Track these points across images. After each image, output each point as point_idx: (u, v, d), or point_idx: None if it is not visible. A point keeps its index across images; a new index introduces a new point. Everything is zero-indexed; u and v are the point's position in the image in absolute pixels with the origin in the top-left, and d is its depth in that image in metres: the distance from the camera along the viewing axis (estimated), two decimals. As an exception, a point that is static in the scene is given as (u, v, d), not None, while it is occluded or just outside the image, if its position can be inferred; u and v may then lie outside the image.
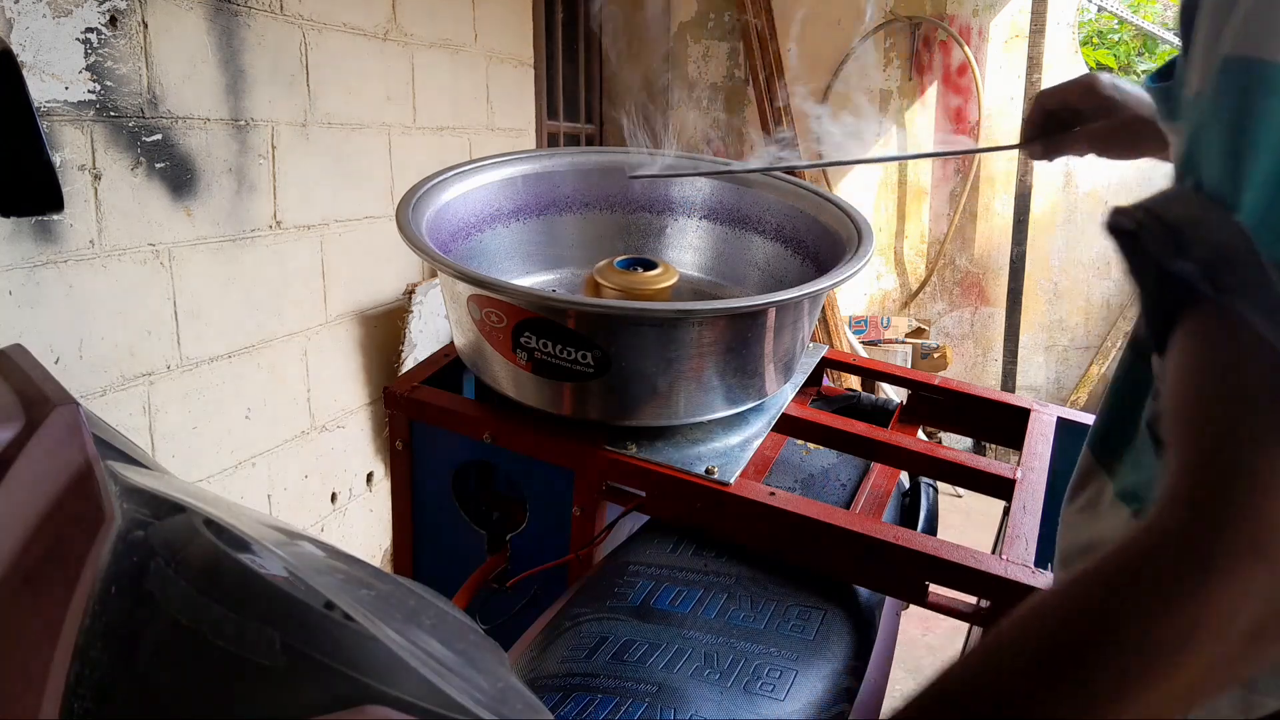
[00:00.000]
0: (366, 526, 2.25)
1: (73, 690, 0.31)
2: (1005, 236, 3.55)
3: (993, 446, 3.36)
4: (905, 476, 1.24)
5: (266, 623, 0.32)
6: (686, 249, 1.35)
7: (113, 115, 1.44)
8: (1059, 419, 1.21)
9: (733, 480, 0.95)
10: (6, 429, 0.37)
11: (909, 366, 3.38)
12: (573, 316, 0.91)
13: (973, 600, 0.91)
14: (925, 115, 3.57)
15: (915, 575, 0.87)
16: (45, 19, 1.31)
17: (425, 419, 1.10)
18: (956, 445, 3.36)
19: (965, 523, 2.67)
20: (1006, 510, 1.07)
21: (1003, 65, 3.50)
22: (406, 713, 0.31)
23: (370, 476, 2.24)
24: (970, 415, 1.29)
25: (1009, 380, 3.58)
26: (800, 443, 1.21)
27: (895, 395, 2.24)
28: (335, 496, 2.12)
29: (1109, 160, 0.95)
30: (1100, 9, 4.08)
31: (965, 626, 1.28)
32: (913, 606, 0.93)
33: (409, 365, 2.15)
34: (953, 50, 3.49)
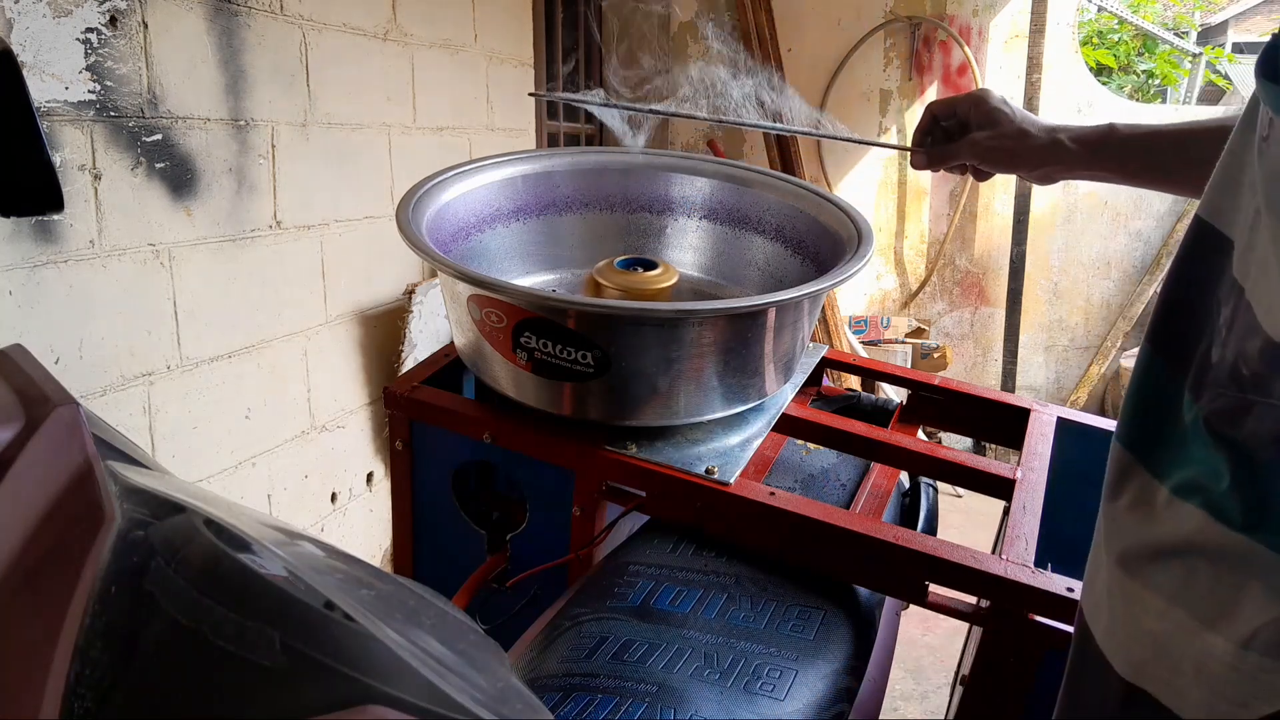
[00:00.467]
0: (366, 526, 2.25)
1: (73, 690, 0.31)
2: (1005, 236, 3.55)
3: (993, 446, 3.36)
4: (905, 476, 1.24)
5: (266, 623, 0.32)
6: (686, 249, 1.35)
7: (113, 115, 1.44)
8: (1059, 419, 1.21)
9: (733, 480, 0.95)
10: (6, 429, 0.37)
11: (909, 366, 3.38)
12: (573, 316, 0.92)
13: (973, 600, 0.91)
14: (925, 115, 3.56)
15: (915, 575, 0.87)
16: (45, 19, 1.31)
17: (425, 419, 1.10)
18: (956, 445, 3.36)
19: (965, 523, 2.67)
20: (1006, 510, 1.08)
21: (1003, 65, 3.50)
22: (406, 713, 0.31)
23: (370, 476, 2.24)
24: (970, 415, 1.29)
25: (1009, 380, 3.58)
26: (800, 443, 1.21)
27: (895, 395, 2.24)
28: (335, 496, 2.12)
29: (989, 172, 0.97)
30: (1100, 9, 4.07)
31: (965, 626, 1.28)
32: (913, 606, 0.93)
33: (409, 365, 2.15)
34: (953, 50, 3.49)
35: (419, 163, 2.28)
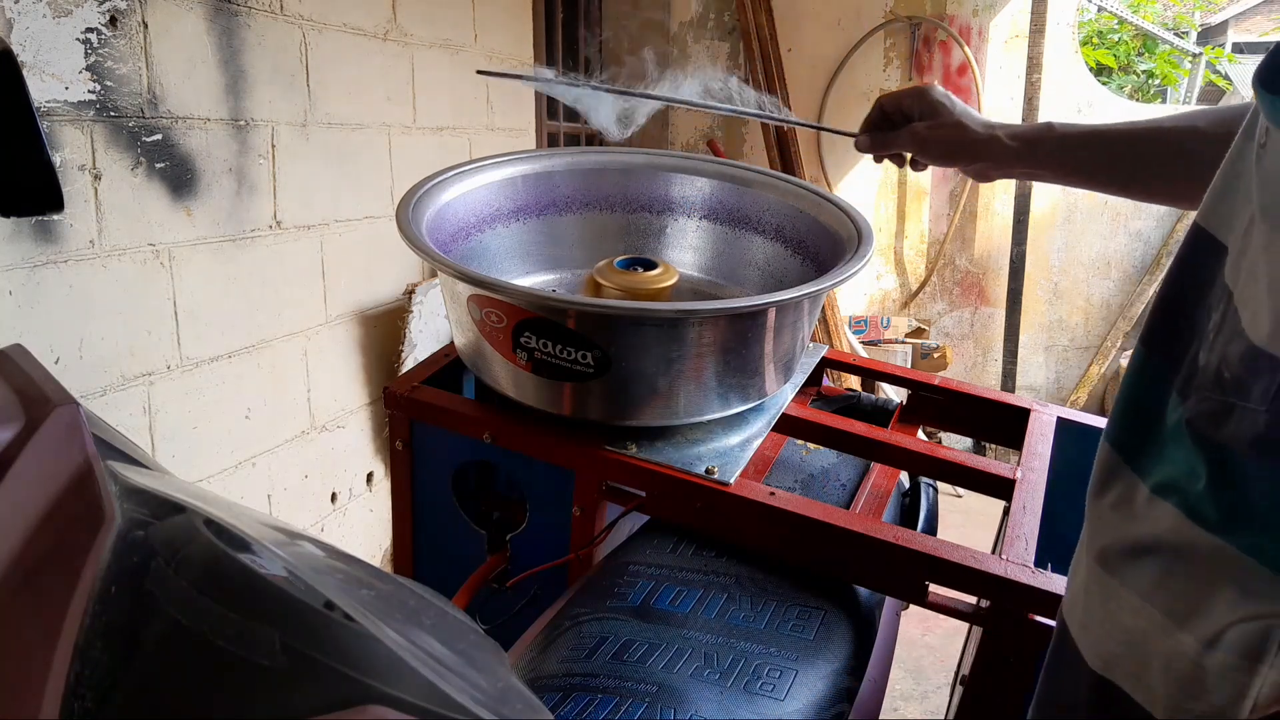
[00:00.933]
0: (366, 526, 2.25)
1: (73, 690, 0.31)
2: (1005, 236, 3.55)
3: (993, 446, 3.36)
4: (905, 476, 1.24)
5: (266, 623, 0.32)
6: (686, 249, 1.35)
7: (113, 115, 1.44)
8: (1059, 419, 1.21)
9: (733, 480, 0.95)
10: (6, 429, 0.37)
11: (909, 366, 3.38)
12: (573, 316, 0.91)
13: (973, 600, 0.91)
14: (925, 115, 3.56)
15: (915, 575, 0.87)
16: (45, 19, 1.31)
17: (425, 419, 1.10)
18: (956, 445, 3.36)
19: (965, 523, 2.67)
20: (1006, 510, 1.08)
21: (1003, 65, 3.50)
22: (406, 713, 0.31)
23: (370, 476, 2.24)
24: (970, 415, 1.29)
25: (1009, 380, 3.58)
26: (800, 443, 1.21)
27: (895, 395, 2.24)
28: (335, 496, 2.12)
29: (928, 163, 0.99)
30: (1100, 9, 4.08)
31: (965, 626, 1.28)
32: (913, 606, 0.93)
33: (409, 365, 2.15)
34: (953, 50, 3.49)
35: (419, 163, 2.28)
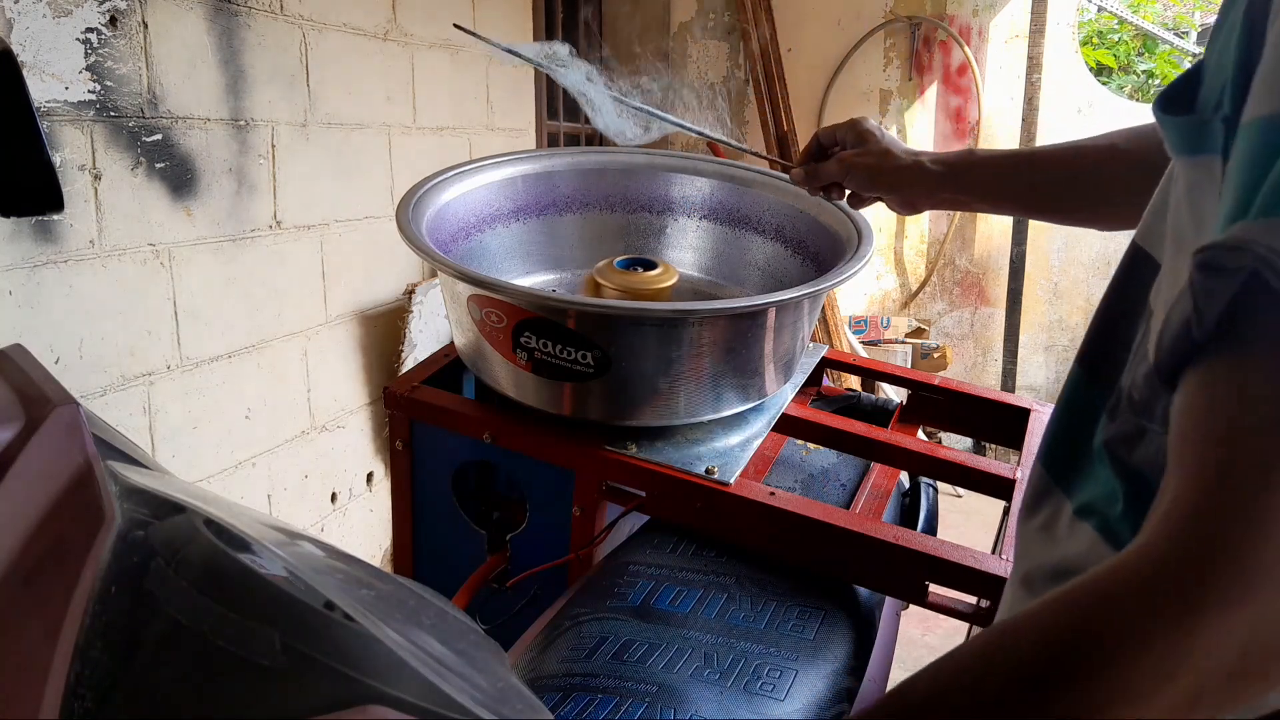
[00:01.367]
0: (366, 526, 2.25)
1: (73, 690, 0.31)
2: (1005, 236, 3.55)
3: (993, 446, 3.36)
4: (905, 476, 1.24)
5: (266, 623, 0.32)
6: (686, 249, 1.35)
7: (113, 115, 1.44)
8: (1059, 419, 1.21)
9: (733, 480, 0.95)
10: (6, 429, 0.37)
11: (909, 366, 3.38)
12: (573, 316, 0.92)
13: (973, 600, 0.91)
14: (925, 115, 3.57)
15: (915, 575, 0.87)
16: (45, 19, 1.31)
17: (425, 419, 1.10)
18: (956, 445, 3.36)
19: (965, 523, 2.67)
20: (1006, 510, 1.08)
21: (1003, 65, 3.50)
22: (406, 713, 0.31)
23: (370, 476, 2.24)
24: (970, 415, 1.29)
25: (1009, 380, 3.58)
26: (800, 443, 1.21)
27: (895, 395, 2.24)
28: (335, 496, 2.12)
29: (856, 190, 1.00)
30: (1100, 9, 4.08)
31: (965, 626, 1.28)
32: (913, 606, 0.93)
33: (409, 365, 2.15)
34: (953, 50, 3.49)
35: (419, 163, 2.28)
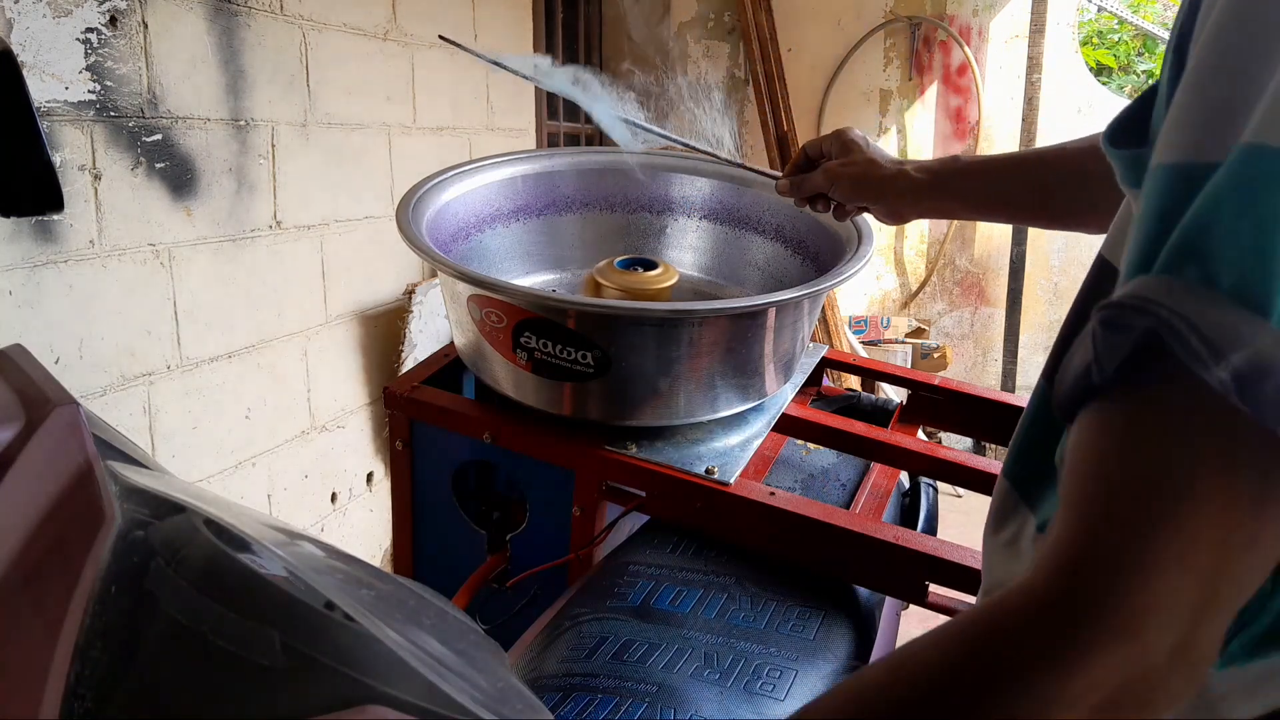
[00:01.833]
0: (366, 526, 2.25)
1: (73, 690, 0.31)
2: (1005, 236, 3.55)
3: (993, 446, 3.36)
4: (905, 476, 1.24)
5: (266, 623, 0.32)
6: (686, 249, 1.35)
7: (113, 115, 1.44)
8: (1059, 419, 1.20)
9: (733, 480, 0.95)
10: (6, 429, 0.37)
11: (909, 366, 3.38)
12: (573, 316, 0.92)
13: (973, 600, 0.91)
14: (925, 115, 3.57)
15: (915, 575, 0.87)
16: (45, 19, 1.31)
17: (425, 419, 1.10)
18: (956, 445, 3.36)
19: (965, 523, 2.67)
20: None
21: (1003, 65, 3.50)
22: (406, 713, 0.31)
23: (370, 476, 2.24)
24: (970, 415, 1.29)
25: (1009, 380, 3.58)
26: (800, 443, 1.21)
27: (895, 395, 2.24)
28: (335, 496, 2.12)
29: (846, 206, 0.99)
30: (1100, 9, 4.08)
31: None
32: (913, 606, 0.93)
33: (409, 365, 2.15)
34: (953, 50, 3.49)
35: (419, 163, 2.28)
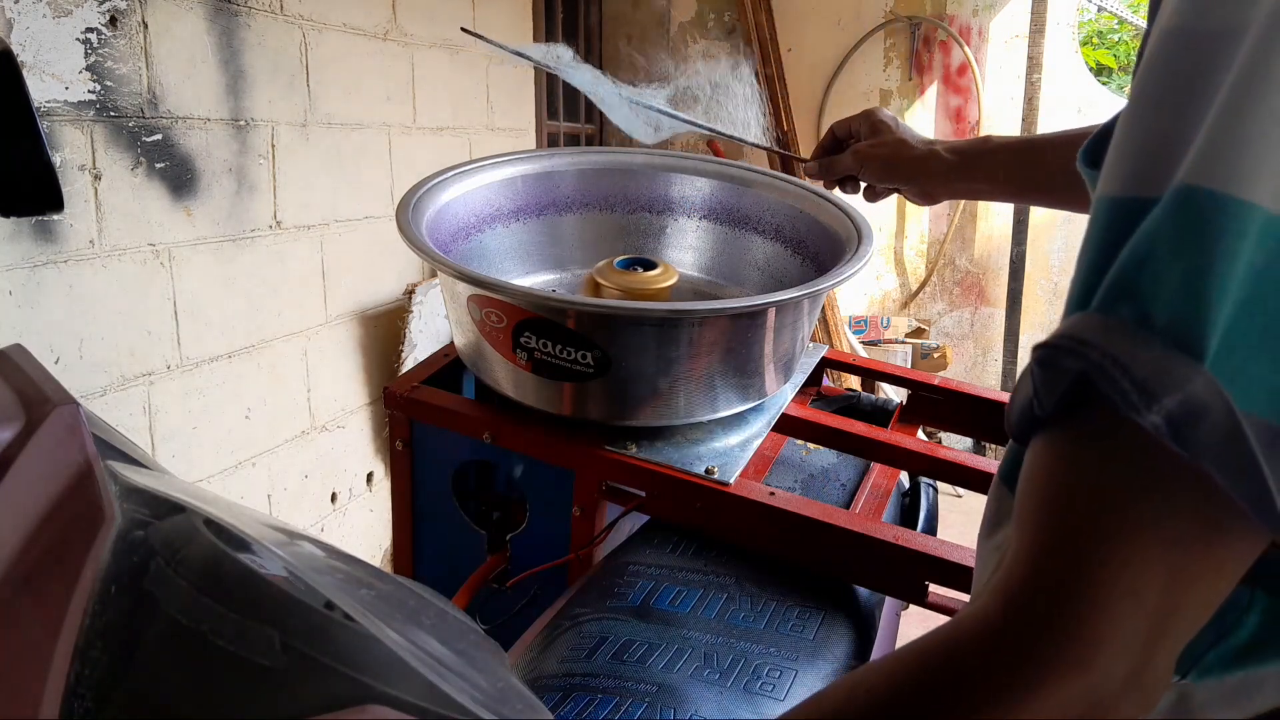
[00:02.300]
0: (366, 526, 2.25)
1: (73, 690, 0.31)
2: (1005, 237, 3.55)
3: (993, 446, 3.36)
4: (905, 476, 1.24)
5: (266, 623, 0.32)
6: (686, 249, 1.35)
7: (113, 115, 1.44)
8: (1059, 419, 1.20)
9: (733, 480, 0.95)
10: (6, 429, 0.37)
11: (909, 366, 3.38)
12: (573, 316, 0.91)
13: (973, 600, 0.91)
14: (925, 115, 3.57)
15: (915, 575, 0.87)
16: (45, 19, 1.31)
17: (425, 419, 1.10)
18: (956, 445, 3.36)
19: (965, 523, 2.67)
20: (1006, 510, 1.07)
21: (1003, 65, 3.50)
22: (406, 713, 0.31)
23: (370, 476, 2.24)
24: (970, 415, 1.29)
25: (1009, 380, 3.58)
26: (800, 443, 1.21)
27: (895, 395, 2.24)
28: (335, 496, 2.12)
29: (873, 185, 0.98)
30: (1100, 9, 4.08)
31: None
32: (913, 606, 0.93)
33: (409, 365, 2.15)
34: (953, 50, 3.49)
35: (419, 163, 2.28)
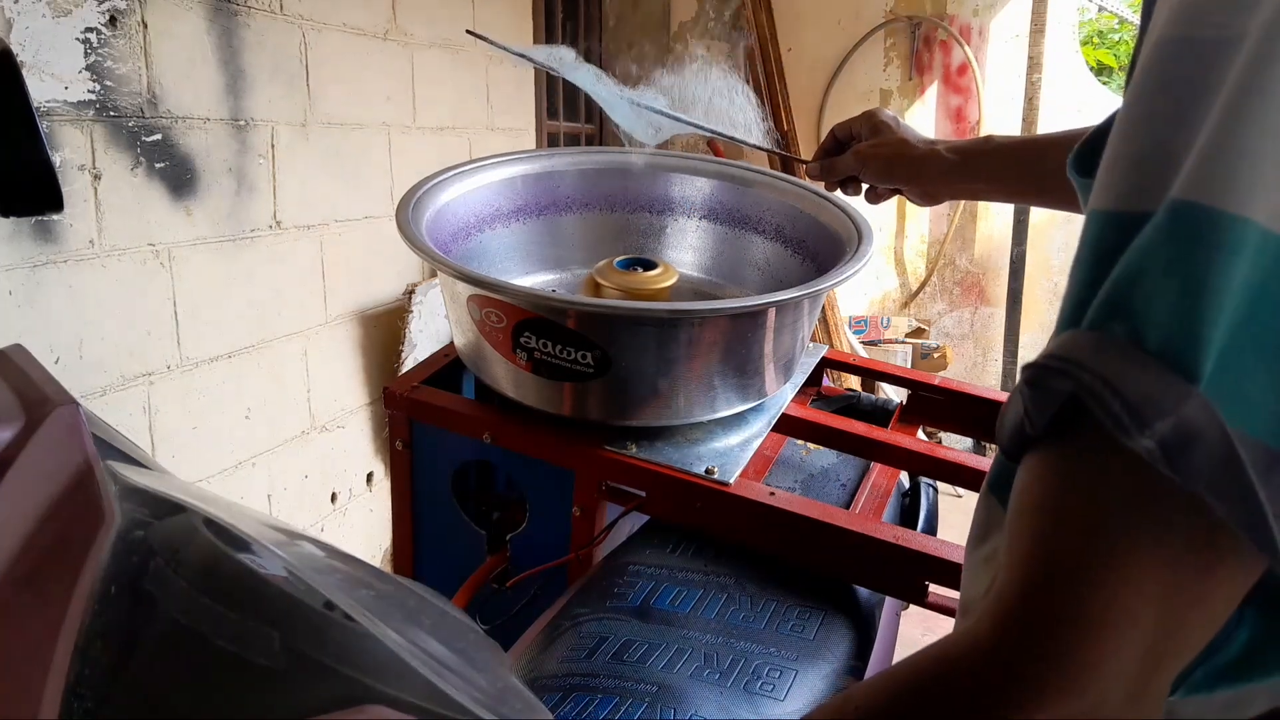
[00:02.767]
0: (366, 526, 2.25)
1: (73, 690, 0.31)
2: (1005, 236, 3.55)
3: (992, 446, 3.36)
4: (905, 476, 1.24)
5: (266, 623, 0.32)
6: (686, 249, 1.35)
7: (113, 115, 1.44)
8: (1059, 419, 1.20)
9: (733, 480, 0.95)
10: (6, 429, 0.37)
11: (909, 366, 3.38)
12: (573, 316, 0.91)
13: (973, 600, 0.91)
14: (925, 115, 3.57)
15: (915, 575, 0.87)
16: (45, 19, 1.31)
17: (425, 419, 1.10)
18: (956, 445, 3.37)
19: (965, 523, 2.66)
20: (1006, 510, 1.07)
21: (1003, 65, 3.50)
22: (406, 713, 0.31)
23: (370, 476, 2.24)
24: (970, 415, 1.29)
25: (1009, 380, 3.58)
26: (800, 443, 1.21)
27: (895, 395, 2.24)
28: (335, 496, 2.12)
29: (875, 186, 0.98)
30: (1100, 9, 4.08)
31: (965, 626, 1.27)
32: (913, 606, 0.93)
33: (409, 365, 2.15)
34: (953, 50, 3.49)
35: (419, 163, 2.28)
